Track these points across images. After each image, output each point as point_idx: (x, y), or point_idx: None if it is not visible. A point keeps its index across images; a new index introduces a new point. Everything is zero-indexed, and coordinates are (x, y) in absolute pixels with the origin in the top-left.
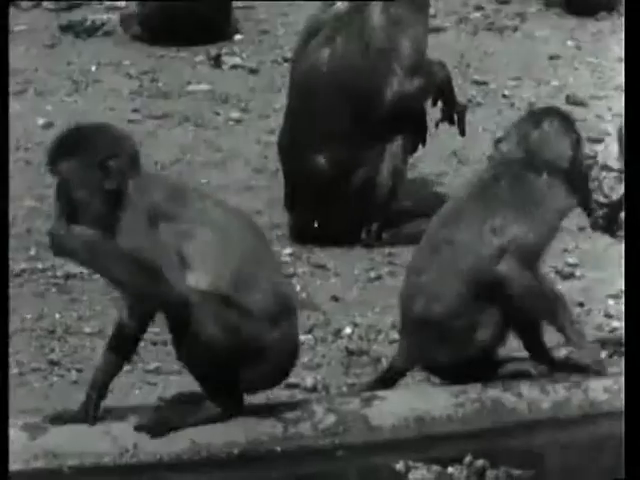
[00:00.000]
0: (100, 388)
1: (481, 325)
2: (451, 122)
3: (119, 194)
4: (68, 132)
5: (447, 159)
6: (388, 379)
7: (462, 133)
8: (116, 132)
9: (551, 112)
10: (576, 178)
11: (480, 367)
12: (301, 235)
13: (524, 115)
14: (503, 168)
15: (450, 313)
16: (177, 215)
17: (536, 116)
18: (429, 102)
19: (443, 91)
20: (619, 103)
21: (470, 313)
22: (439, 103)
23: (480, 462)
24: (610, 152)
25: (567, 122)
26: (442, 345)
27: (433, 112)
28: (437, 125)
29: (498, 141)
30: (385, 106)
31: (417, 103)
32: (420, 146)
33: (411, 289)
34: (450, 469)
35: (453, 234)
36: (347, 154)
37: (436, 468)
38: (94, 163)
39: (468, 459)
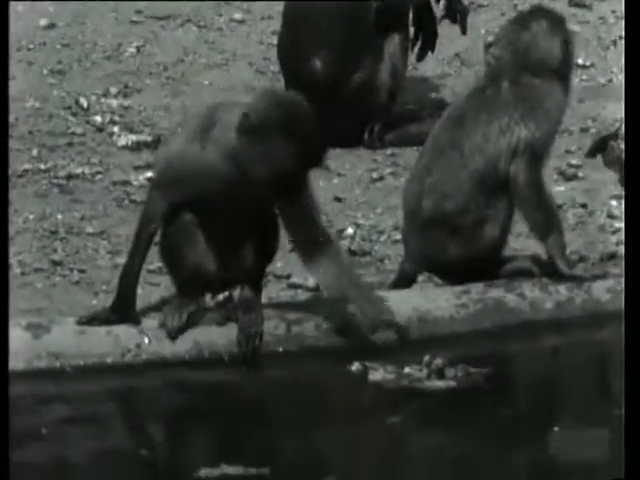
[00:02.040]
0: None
1: (489, 220)
2: (453, 20)
3: None
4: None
5: (450, 61)
6: (400, 285)
7: (463, 32)
8: None
9: (539, 13)
10: (567, 76)
11: (485, 265)
12: None
13: (512, 18)
14: (499, 72)
15: (459, 210)
16: None
17: (525, 18)
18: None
19: None
20: (622, 5)
21: (479, 209)
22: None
23: (439, 361)
24: None
25: (556, 22)
26: (451, 242)
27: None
28: (439, 21)
29: (488, 45)
30: (372, 11)
31: (406, 7)
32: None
33: (418, 190)
34: (408, 369)
35: (459, 137)
36: (343, 57)
37: (394, 368)
38: None
39: (427, 358)
